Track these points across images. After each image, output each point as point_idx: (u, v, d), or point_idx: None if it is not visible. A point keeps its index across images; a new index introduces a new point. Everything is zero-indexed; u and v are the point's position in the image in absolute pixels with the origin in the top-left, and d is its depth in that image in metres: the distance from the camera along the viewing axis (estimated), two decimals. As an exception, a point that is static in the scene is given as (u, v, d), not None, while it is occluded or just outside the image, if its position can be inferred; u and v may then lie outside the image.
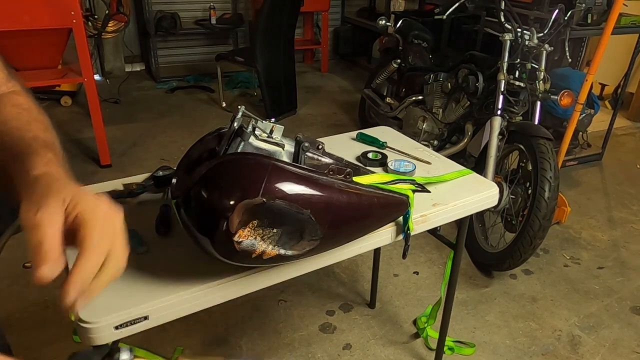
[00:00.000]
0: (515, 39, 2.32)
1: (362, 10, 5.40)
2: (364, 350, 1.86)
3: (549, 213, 2.00)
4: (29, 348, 1.77)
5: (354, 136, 1.58)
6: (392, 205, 1.06)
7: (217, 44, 4.91)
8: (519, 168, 2.24)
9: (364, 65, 5.32)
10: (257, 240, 0.82)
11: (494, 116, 2.27)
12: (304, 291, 2.13)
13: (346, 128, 3.73)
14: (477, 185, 1.34)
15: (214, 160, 0.87)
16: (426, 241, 2.46)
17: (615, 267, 2.37)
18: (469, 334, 1.95)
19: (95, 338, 0.83)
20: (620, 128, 3.92)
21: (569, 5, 2.53)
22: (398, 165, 1.36)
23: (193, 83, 4.55)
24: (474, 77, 2.47)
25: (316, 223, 0.86)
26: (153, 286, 0.91)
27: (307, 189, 0.85)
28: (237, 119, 0.97)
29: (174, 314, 0.90)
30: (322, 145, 1.01)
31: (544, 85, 2.26)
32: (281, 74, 3.89)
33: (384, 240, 1.14)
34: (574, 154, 3.36)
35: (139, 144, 3.29)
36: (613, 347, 1.91)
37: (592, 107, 2.99)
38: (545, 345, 1.91)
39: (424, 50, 3.11)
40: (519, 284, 2.25)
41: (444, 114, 2.76)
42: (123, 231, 0.59)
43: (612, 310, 2.10)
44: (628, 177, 3.27)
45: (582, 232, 2.64)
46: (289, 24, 3.82)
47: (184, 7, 4.62)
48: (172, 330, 1.86)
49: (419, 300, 2.11)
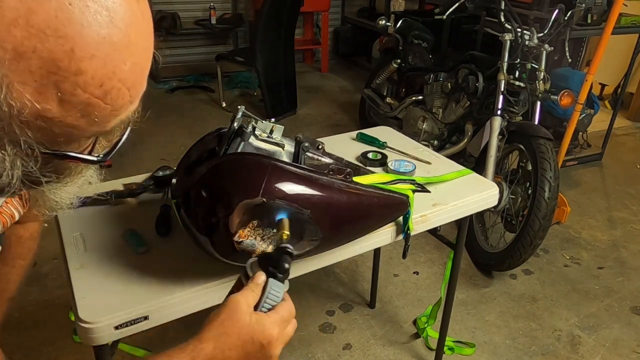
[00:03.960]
0: (515, 39, 2.32)
1: (362, 10, 5.39)
2: (364, 350, 1.86)
3: (549, 213, 2.00)
4: (29, 348, 1.77)
5: (354, 136, 1.58)
6: (392, 205, 1.05)
7: (217, 44, 4.91)
8: (519, 168, 2.24)
9: (364, 65, 5.31)
10: (257, 240, 0.82)
11: (494, 116, 2.27)
12: (304, 291, 2.13)
13: (346, 128, 3.73)
14: (477, 185, 1.34)
15: (214, 160, 0.87)
16: (426, 241, 2.46)
17: (615, 267, 2.37)
18: (469, 334, 1.95)
19: (95, 338, 0.83)
20: (620, 128, 3.91)
21: (569, 5, 2.53)
22: (398, 165, 1.36)
23: (193, 83, 4.55)
24: (474, 77, 2.47)
25: (316, 223, 0.86)
26: (153, 286, 0.91)
27: (307, 189, 0.85)
28: (237, 119, 0.97)
29: (174, 314, 0.90)
30: (322, 145, 1.02)
31: (544, 85, 2.26)
32: (281, 74, 3.89)
33: (384, 240, 1.14)
34: (574, 154, 3.36)
35: (138, 144, 3.29)
36: (613, 347, 1.91)
37: (592, 107, 2.99)
38: (545, 345, 1.91)
39: (424, 50, 3.11)
40: (519, 284, 2.25)
41: (444, 114, 2.76)
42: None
43: (612, 310, 2.10)
44: (628, 177, 3.27)
45: (582, 232, 2.64)
46: (289, 24, 3.82)
47: (184, 7, 4.61)
48: (172, 330, 1.86)
49: (419, 300, 2.11)
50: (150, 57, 0.42)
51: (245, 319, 0.62)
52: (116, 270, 0.95)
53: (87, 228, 1.06)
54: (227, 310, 0.62)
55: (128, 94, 0.40)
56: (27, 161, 0.39)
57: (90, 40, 0.36)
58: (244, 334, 0.62)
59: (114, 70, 0.38)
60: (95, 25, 0.36)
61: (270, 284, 0.66)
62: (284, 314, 0.66)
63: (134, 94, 0.41)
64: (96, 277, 0.93)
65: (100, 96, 0.38)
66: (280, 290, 0.66)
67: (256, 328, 0.62)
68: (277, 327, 0.64)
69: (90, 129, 0.41)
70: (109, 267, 0.95)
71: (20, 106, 0.35)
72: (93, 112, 0.39)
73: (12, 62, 0.34)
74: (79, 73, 0.36)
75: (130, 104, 0.42)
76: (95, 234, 1.04)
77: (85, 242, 1.02)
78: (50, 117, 0.37)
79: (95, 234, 1.04)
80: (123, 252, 1.00)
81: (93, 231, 1.05)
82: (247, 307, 0.63)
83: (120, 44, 0.38)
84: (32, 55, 0.34)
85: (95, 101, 0.38)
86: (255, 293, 0.65)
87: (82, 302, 0.86)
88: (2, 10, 0.32)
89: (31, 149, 0.38)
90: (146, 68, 0.42)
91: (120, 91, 0.39)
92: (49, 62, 0.35)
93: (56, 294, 2.00)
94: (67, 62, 0.35)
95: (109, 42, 0.37)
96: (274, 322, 0.64)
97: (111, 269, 0.95)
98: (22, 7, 0.33)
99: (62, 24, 0.34)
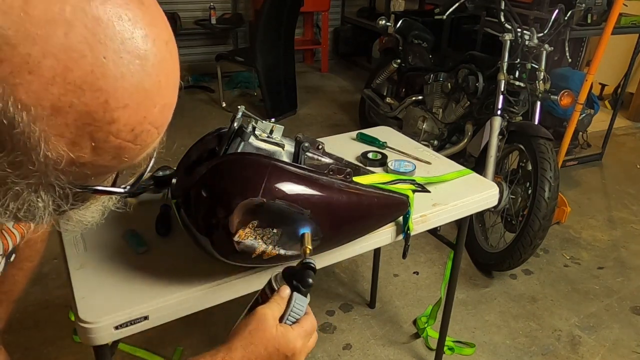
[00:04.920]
0: (515, 39, 2.32)
1: (362, 10, 5.39)
2: (364, 350, 1.86)
3: (549, 213, 2.00)
4: (29, 348, 1.77)
5: (354, 136, 1.58)
6: (392, 205, 1.05)
7: (217, 44, 4.91)
8: (519, 168, 2.24)
9: (364, 65, 5.31)
10: (257, 240, 0.82)
11: (494, 116, 2.27)
12: (304, 291, 2.12)
13: (346, 128, 3.73)
14: (477, 185, 1.34)
15: (214, 160, 0.87)
16: (426, 241, 2.46)
17: (615, 267, 2.37)
18: (469, 334, 1.95)
19: (95, 338, 0.83)
20: (620, 128, 3.91)
21: (569, 5, 2.53)
22: (398, 165, 1.36)
23: (193, 83, 4.55)
24: (474, 77, 2.47)
25: (316, 223, 0.86)
26: (153, 286, 0.91)
27: (307, 189, 0.85)
28: (237, 119, 0.97)
29: (174, 314, 0.90)
30: (322, 145, 1.01)
31: (544, 85, 2.26)
32: (281, 74, 3.89)
33: (384, 240, 1.14)
34: (574, 154, 3.36)
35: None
36: (613, 347, 1.91)
37: (592, 107, 2.99)
38: (545, 345, 1.91)
39: (424, 50, 3.11)
40: (519, 284, 2.25)
41: (444, 114, 2.76)
42: None
43: (612, 310, 2.10)
44: (628, 177, 3.27)
45: (582, 232, 2.64)
46: (289, 24, 3.82)
47: (184, 7, 4.62)
48: (172, 330, 1.86)
49: (419, 300, 2.11)
50: (177, 93, 0.43)
51: (272, 331, 0.66)
52: (116, 270, 0.95)
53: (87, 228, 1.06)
54: (255, 322, 0.66)
55: (156, 132, 0.42)
56: (59, 200, 0.41)
57: (123, 90, 0.36)
58: (270, 346, 0.65)
59: (145, 115, 0.39)
60: (128, 76, 0.36)
61: (294, 297, 0.69)
62: (307, 328, 0.69)
63: (161, 131, 0.43)
64: (96, 277, 0.93)
65: (131, 140, 0.39)
66: (304, 304, 0.70)
67: (281, 340, 0.66)
68: (301, 340, 0.68)
69: (119, 167, 0.42)
70: (109, 267, 0.95)
71: (56, 157, 0.36)
72: (124, 154, 0.40)
73: (50, 118, 0.35)
74: (112, 122, 0.37)
75: (157, 139, 0.43)
76: (95, 234, 1.04)
77: (85, 242, 1.02)
78: (83, 162, 0.38)
79: (95, 234, 1.04)
80: (123, 252, 1.00)
81: (93, 231, 1.05)
82: (273, 320, 0.67)
83: (152, 90, 0.39)
84: (68, 110, 0.35)
85: (127, 144, 0.39)
86: (281, 306, 0.69)
87: (82, 302, 0.86)
88: (40, 70, 0.33)
89: (63, 189, 0.40)
90: (173, 104, 0.43)
91: (149, 132, 0.40)
92: (85, 115, 0.36)
93: (56, 294, 2.00)
94: (102, 114, 0.36)
95: (141, 89, 0.38)
96: (298, 335, 0.68)
97: (111, 269, 0.95)
98: (59, 66, 0.34)
99: (97, 78, 0.35)
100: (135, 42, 0.37)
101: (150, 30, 0.38)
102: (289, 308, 0.68)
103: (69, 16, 0.34)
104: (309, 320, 0.70)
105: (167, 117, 0.43)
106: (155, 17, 0.39)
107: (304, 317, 0.70)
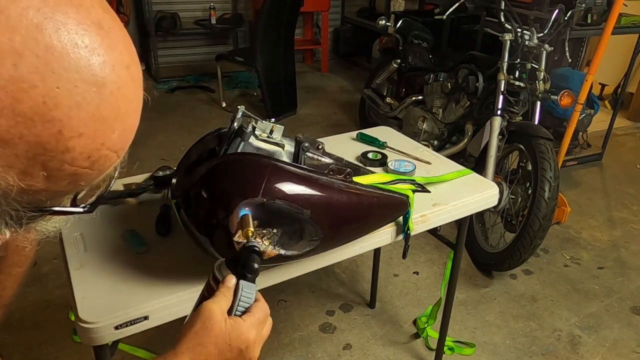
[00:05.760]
0: (515, 39, 2.32)
1: (362, 10, 5.39)
2: (364, 350, 1.86)
3: (549, 213, 2.00)
4: (29, 348, 1.77)
5: (354, 136, 1.58)
6: (392, 205, 1.06)
7: (217, 44, 4.90)
8: (519, 168, 2.24)
9: (364, 65, 5.31)
10: (257, 240, 0.82)
11: (494, 116, 2.27)
12: (304, 291, 2.13)
13: (346, 128, 3.73)
14: (477, 185, 1.34)
15: (214, 160, 0.87)
16: (426, 241, 2.46)
17: (615, 267, 2.37)
18: (469, 334, 1.95)
19: (95, 338, 0.83)
20: (620, 128, 3.91)
21: (569, 5, 2.53)
22: (398, 165, 1.36)
23: (193, 83, 4.55)
24: (474, 77, 2.47)
25: (316, 223, 0.86)
26: (153, 286, 0.91)
27: (307, 189, 0.85)
28: (237, 119, 0.97)
29: (174, 314, 0.90)
30: (322, 145, 1.02)
31: (544, 85, 2.26)
32: (281, 74, 3.89)
33: (384, 240, 1.14)
34: (574, 154, 3.36)
35: (138, 144, 3.28)
36: (613, 347, 1.91)
37: (592, 107, 2.99)
38: (545, 345, 1.91)
39: (424, 50, 3.10)
40: (519, 284, 2.25)
41: (444, 114, 2.76)
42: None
43: (612, 310, 2.10)
44: (628, 177, 3.27)
45: (582, 232, 2.64)
46: (289, 24, 3.82)
47: (184, 7, 4.61)
48: (172, 330, 1.86)
49: (419, 300, 2.11)
50: (139, 115, 0.41)
51: (220, 327, 0.61)
52: (116, 270, 0.95)
53: (87, 228, 1.06)
54: (200, 320, 0.62)
55: (116, 156, 0.40)
56: (12, 222, 0.39)
57: (78, 119, 0.35)
58: (221, 342, 0.61)
59: (103, 141, 0.37)
60: (84, 104, 0.35)
61: (241, 286, 0.64)
62: (259, 316, 0.65)
63: (121, 154, 0.41)
64: (96, 277, 0.93)
65: (88, 166, 0.38)
66: (252, 291, 0.65)
67: (232, 334, 0.62)
68: (254, 330, 0.64)
69: (76, 190, 0.41)
70: (109, 267, 0.95)
71: (5, 187, 0.35)
72: (80, 180, 0.39)
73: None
74: (67, 151, 0.35)
75: (117, 162, 0.42)
76: (95, 234, 1.04)
77: (85, 242, 1.02)
78: (36, 190, 0.37)
79: (95, 234, 1.04)
80: (123, 252, 1.00)
81: (93, 231, 1.05)
82: (221, 315, 0.62)
83: (110, 117, 0.37)
84: (18, 141, 0.33)
85: (83, 171, 0.38)
86: (228, 297, 0.64)
87: (82, 302, 0.86)
88: None
89: (17, 214, 0.38)
90: (135, 127, 0.41)
91: (107, 157, 0.39)
92: (36, 145, 0.34)
93: (56, 294, 2.00)
94: (55, 144, 0.35)
95: (98, 117, 0.36)
96: (250, 326, 0.63)
97: (111, 269, 0.95)
98: (7, 98, 0.32)
99: (50, 109, 0.33)
100: (92, 70, 0.35)
101: (110, 56, 0.36)
102: (237, 298, 0.64)
103: (18, 46, 0.32)
104: (259, 307, 0.66)
105: (128, 141, 0.41)
106: (115, 41, 0.37)
107: (254, 305, 0.65)
